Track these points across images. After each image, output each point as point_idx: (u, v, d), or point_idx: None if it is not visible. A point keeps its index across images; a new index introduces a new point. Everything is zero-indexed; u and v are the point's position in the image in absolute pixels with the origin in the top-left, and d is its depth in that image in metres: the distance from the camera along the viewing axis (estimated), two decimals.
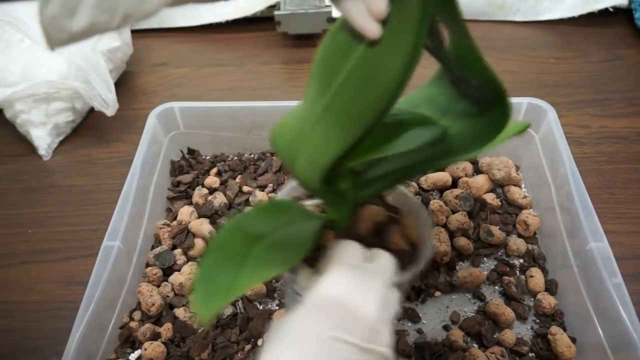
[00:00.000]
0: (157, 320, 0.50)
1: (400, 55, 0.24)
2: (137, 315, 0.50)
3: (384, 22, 0.25)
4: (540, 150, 0.58)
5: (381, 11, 0.24)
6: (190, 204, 0.59)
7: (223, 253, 0.32)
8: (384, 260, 0.34)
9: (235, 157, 0.66)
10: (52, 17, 0.20)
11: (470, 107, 0.32)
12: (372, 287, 0.30)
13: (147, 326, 0.48)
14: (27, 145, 0.69)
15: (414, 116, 0.33)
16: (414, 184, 0.59)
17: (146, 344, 0.46)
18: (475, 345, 0.48)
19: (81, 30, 0.20)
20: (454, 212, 0.56)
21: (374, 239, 0.40)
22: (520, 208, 0.58)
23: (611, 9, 0.82)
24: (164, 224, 0.57)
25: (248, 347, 0.48)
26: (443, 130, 0.31)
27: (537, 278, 0.51)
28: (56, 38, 0.21)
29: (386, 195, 0.45)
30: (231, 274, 0.31)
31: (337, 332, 0.27)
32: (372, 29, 0.25)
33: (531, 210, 0.58)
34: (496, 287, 0.52)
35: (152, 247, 0.56)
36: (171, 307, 0.51)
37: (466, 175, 0.60)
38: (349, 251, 0.33)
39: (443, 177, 0.59)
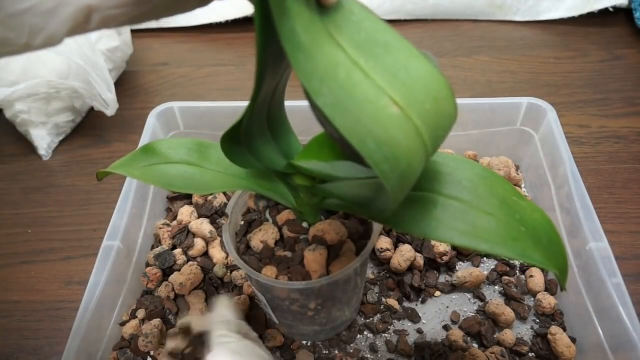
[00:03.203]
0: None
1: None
2: (138, 314, 0.50)
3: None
4: (540, 150, 0.58)
5: None
6: (191, 204, 0.59)
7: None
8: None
9: None
10: None
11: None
12: None
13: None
14: (27, 145, 0.69)
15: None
16: None
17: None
18: (475, 345, 0.48)
19: None
20: None
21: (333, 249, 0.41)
22: None
23: (611, 9, 0.82)
24: (164, 224, 0.57)
25: None
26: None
27: (537, 278, 0.51)
28: None
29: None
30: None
31: None
32: None
33: None
34: (496, 287, 0.52)
35: (152, 247, 0.56)
36: None
37: None
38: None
39: None
